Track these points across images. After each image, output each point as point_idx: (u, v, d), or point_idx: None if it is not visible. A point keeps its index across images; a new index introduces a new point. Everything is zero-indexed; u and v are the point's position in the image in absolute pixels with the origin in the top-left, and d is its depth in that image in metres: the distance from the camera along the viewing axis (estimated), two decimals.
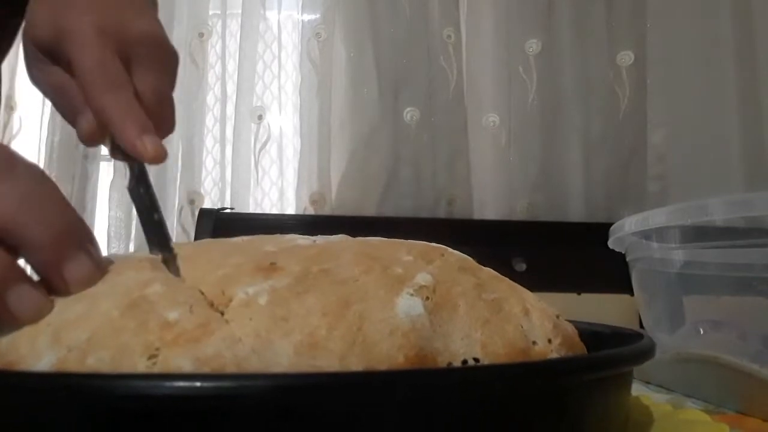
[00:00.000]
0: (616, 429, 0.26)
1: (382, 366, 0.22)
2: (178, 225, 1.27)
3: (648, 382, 0.51)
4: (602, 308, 1.00)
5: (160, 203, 0.32)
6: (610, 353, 0.25)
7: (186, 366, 0.21)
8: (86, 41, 0.34)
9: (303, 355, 0.22)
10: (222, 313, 0.23)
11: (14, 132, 1.31)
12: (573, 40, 1.34)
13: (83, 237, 0.26)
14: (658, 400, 0.37)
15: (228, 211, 1.21)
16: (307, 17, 1.33)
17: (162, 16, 0.45)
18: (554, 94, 1.33)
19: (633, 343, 0.27)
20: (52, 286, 0.25)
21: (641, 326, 0.62)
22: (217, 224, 1.13)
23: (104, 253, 0.27)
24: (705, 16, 1.33)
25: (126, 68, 0.34)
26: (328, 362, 0.22)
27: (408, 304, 0.25)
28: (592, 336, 0.31)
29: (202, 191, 1.30)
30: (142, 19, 0.36)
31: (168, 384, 0.19)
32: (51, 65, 0.36)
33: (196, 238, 1.15)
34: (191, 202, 1.28)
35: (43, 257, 0.25)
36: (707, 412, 0.34)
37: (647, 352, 0.26)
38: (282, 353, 0.22)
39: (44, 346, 0.23)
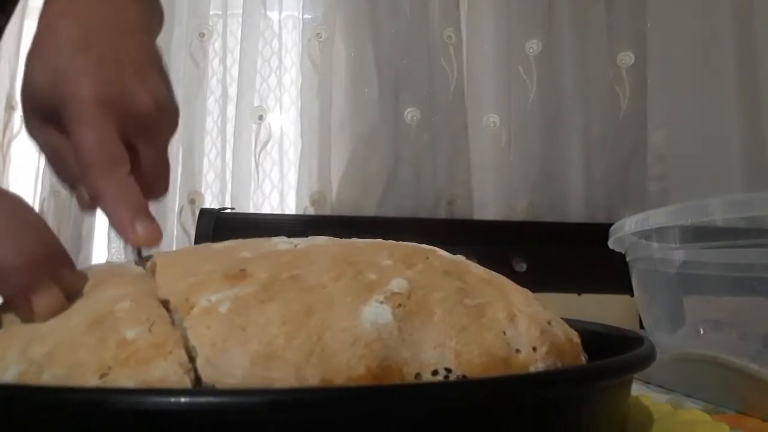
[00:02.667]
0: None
1: (340, 378, 0.22)
2: (179, 225, 1.27)
3: (648, 382, 0.51)
4: (602, 308, 1.00)
5: (161, 203, 0.32)
6: (583, 368, 0.25)
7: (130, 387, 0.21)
8: (86, 116, 0.32)
9: (258, 365, 0.21)
10: (182, 321, 0.23)
11: (14, 132, 1.31)
12: (573, 40, 1.34)
13: (59, 265, 0.25)
14: (658, 400, 0.37)
15: (228, 211, 1.21)
16: (307, 17, 1.34)
17: None
18: (554, 94, 1.33)
19: (628, 349, 0.27)
20: (18, 312, 0.24)
21: (641, 326, 0.62)
22: (218, 224, 1.13)
23: (104, 255, 0.28)
24: (705, 16, 1.33)
25: (127, 138, 0.34)
26: (283, 374, 0.21)
27: (375, 312, 0.24)
28: (592, 336, 0.31)
29: (202, 191, 1.30)
30: (145, 86, 0.35)
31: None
32: (49, 126, 0.35)
33: (196, 238, 1.14)
34: (191, 202, 1.28)
35: (13, 284, 0.24)
36: (707, 412, 0.34)
37: (633, 366, 0.25)
38: (237, 364, 0.21)
39: (12, 358, 0.22)
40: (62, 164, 0.35)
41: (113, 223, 0.32)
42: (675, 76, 1.32)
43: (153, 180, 0.35)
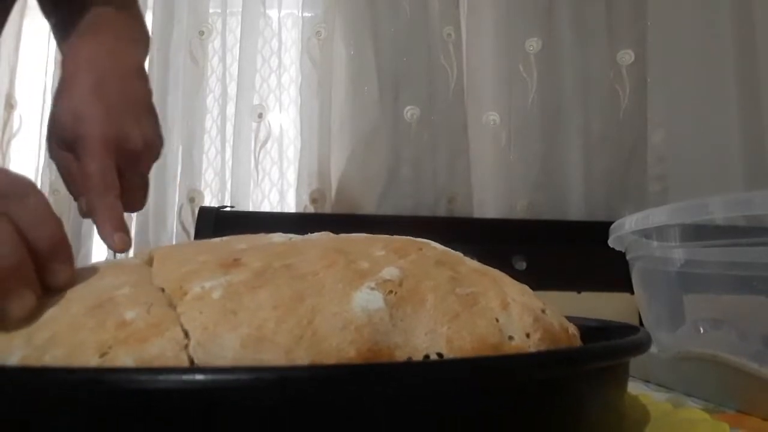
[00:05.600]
0: (606, 428, 0.26)
1: (331, 361, 0.22)
2: (178, 223, 1.27)
3: (648, 381, 0.51)
4: (602, 307, 1.00)
5: (160, 201, 0.34)
6: (557, 351, 0.25)
7: (129, 365, 0.21)
8: (93, 152, 0.44)
9: (249, 348, 0.22)
10: (175, 307, 0.23)
11: (14, 130, 1.31)
12: (573, 39, 1.34)
13: (61, 256, 0.27)
14: (658, 398, 0.37)
15: (228, 209, 1.21)
16: (307, 15, 1.33)
17: (162, 15, 0.47)
18: (554, 93, 1.33)
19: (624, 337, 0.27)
20: None
21: (641, 325, 0.62)
22: (218, 222, 1.13)
23: (103, 252, 0.28)
24: (705, 15, 1.32)
25: (119, 166, 0.46)
26: (273, 356, 0.21)
27: (366, 298, 0.24)
28: (588, 330, 0.31)
29: (201, 189, 1.30)
30: (139, 127, 0.48)
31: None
32: (65, 151, 0.47)
33: (196, 237, 1.14)
34: (191, 200, 1.28)
35: None
36: (707, 411, 0.34)
37: (626, 350, 0.25)
38: (228, 346, 0.22)
39: (18, 345, 0.23)
40: (72, 180, 0.48)
41: (100, 232, 0.44)
42: (675, 75, 1.32)
43: (133, 198, 0.48)
